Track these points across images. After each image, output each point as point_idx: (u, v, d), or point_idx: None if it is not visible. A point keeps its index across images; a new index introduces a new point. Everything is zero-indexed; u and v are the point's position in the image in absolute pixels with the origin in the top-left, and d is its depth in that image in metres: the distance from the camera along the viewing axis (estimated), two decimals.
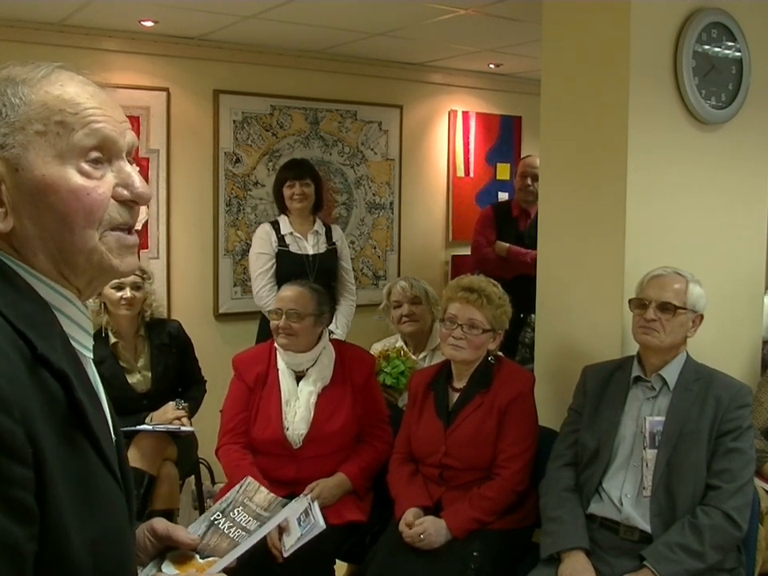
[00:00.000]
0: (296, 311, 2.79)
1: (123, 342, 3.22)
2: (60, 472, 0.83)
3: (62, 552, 0.83)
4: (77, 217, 0.91)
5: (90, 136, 0.92)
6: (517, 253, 4.13)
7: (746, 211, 2.99)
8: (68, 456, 0.85)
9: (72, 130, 0.91)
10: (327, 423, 2.76)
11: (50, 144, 0.90)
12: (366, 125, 4.84)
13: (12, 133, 0.89)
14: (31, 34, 3.76)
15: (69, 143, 0.91)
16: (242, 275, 4.44)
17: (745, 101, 2.87)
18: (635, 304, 2.40)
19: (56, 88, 0.92)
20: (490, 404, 2.55)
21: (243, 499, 1.55)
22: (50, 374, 0.85)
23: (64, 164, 0.91)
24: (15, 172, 0.89)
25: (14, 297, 0.87)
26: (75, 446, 0.87)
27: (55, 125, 0.91)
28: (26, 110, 0.90)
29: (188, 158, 4.27)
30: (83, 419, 0.88)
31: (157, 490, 3.08)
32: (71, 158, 0.91)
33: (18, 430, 0.78)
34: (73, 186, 0.91)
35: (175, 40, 4.14)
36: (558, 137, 2.89)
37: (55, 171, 0.90)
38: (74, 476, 0.85)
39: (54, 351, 0.86)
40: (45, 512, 0.81)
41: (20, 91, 0.90)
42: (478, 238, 4.28)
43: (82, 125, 0.92)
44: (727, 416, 2.23)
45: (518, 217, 4.28)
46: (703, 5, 2.74)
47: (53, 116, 0.91)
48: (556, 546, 2.27)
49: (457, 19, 3.72)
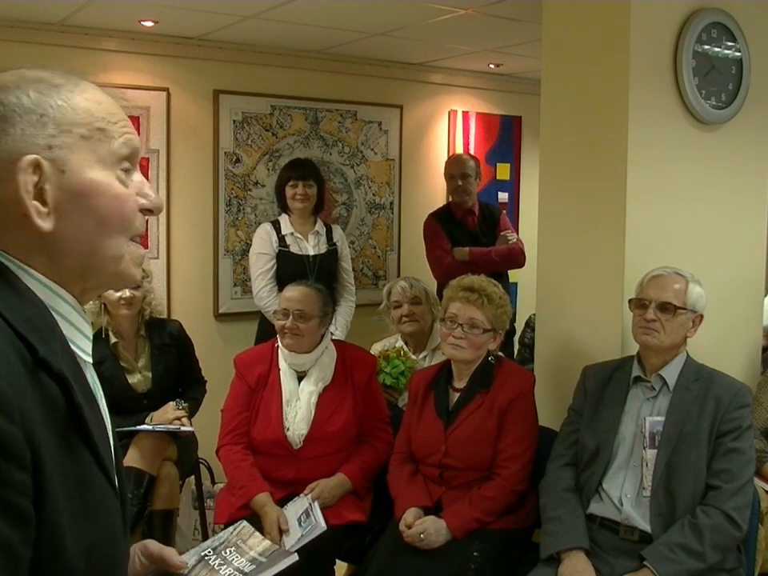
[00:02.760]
0: (303, 312, 2.79)
1: (124, 342, 3.22)
2: (58, 477, 0.83)
3: (57, 557, 0.83)
4: (115, 223, 0.94)
5: (125, 146, 0.96)
6: (480, 253, 4.04)
7: (746, 211, 2.99)
8: (66, 461, 0.85)
9: (111, 138, 0.95)
10: (328, 423, 2.76)
11: (92, 150, 0.93)
12: (366, 125, 4.84)
13: (60, 134, 0.90)
14: (31, 34, 3.76)
15: (109, 150, 0.94)
16: (241, 275, 4.44)
17: (745, 101, 2.87)
18: (635, 304, 2.40)
19: (94, 96, 0.95)
20: (491, 404, 2.55)
21: (237, 541, 1.57)
22: (50, 377, 0.85)
23: (106, 169, 0.94)
24: (61, 173, 0.90)
25: (15, 300, 0.87)
26: (73, 451, 0.87)
27: (97, 131, 0.94)
28: (72, 113, 0.92)
29: (188, 157, 4.27)
30: (82, 424, 0.88)
31: (157, 490, 3.08)
32: (111, 165, 0.94)
33: (17, 433, 0.78)
34: (116, 191, 0.94)
35: (175, 40, 4.14)
36: (558, 137, 2.90)
37: (101, 176, 0.93)
38: (71, 481, 0.85)
39: (54, 355, 0.86)
40: (41, 517, 0.81)
41: (63, 95, 0.92)
42: (434, 251, 4.12)
43: (119, 134, 0.96)
44: (727, 416, 2.23)
45: (463, 218, 4.21)
46: (703, 5, 2.74)
47: (95, 122, 0.94)
48: (556, 546, 2.27)
49: (457, 19, 3.72)
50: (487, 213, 4.32)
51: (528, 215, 5.11)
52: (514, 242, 4.18)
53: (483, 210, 4.30)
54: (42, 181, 0.89)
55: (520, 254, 4.14)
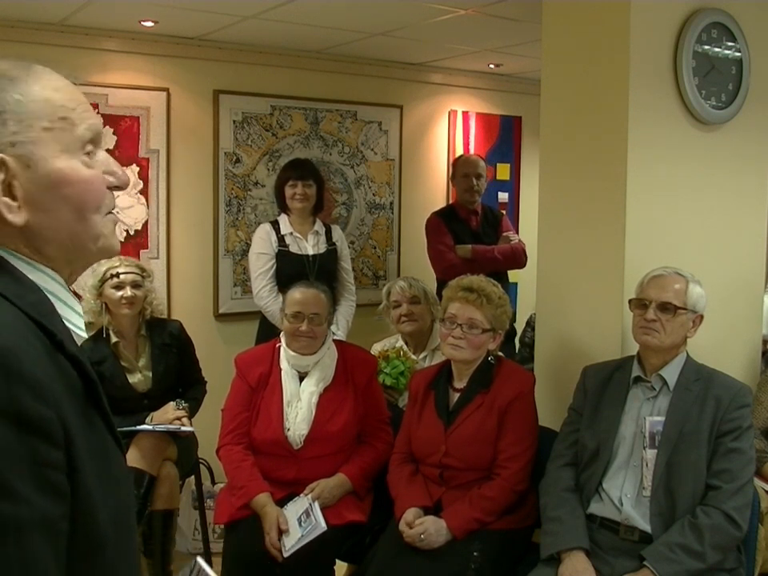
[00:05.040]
0: (318, 315, 2.81)
1: (124, 341, 3.22)
2: (86, 452, 0.88)
3: (91, 528, 0.88)
4: (89, 205, 0.97)
5: (89, 131, 0.98)
6: (483, 251, 4.06)
7: (746, 211, 2.99)
8: (90, 435, 0.90)
9: (74, 125, 0.96)
10: (328, 423, 2.76)
11: (56, 140, 0.94)
12: (366, 125, 4.84)
13: (22, 130, 0.92)
14: (31, 34, 3.76)
15: (73, 137, 0.96)
16: (242, 275, 4.44)
17: (745, 101, 2.87)
18: (635, 304, 2.40)
19: (51, 84, 0.96)
20: (491, 404, 2.55)
21: None
22: (65, 358, 0.90)
23: (71, 157, 0.95)
24: (27, 168, 0.92)
25: (19, 288, 0.91)
26: (94, 424, 0.92)
27: (59, 120, 0.95)
28: (32, 107, 0.93)
29: (188, 157, 4.27)
30: (97, 398, 0.93)
31: (157, 490, 3.08)
32: (75, 151, 0.96)
33: (52, 415, 0.83)
34: (84, 176, 0.96)
35: (175, 40, 4.14)
36: (558, 137, 2.90)
37: (67, 164, 0.95)
38: (95, 455, 0.90)
39: (66, 338, 0.91)
40: (75, 492, 0.85)
41: (19, 88, 0.93)
42: (437, 246, 4.14)
43: (81, 120, 0.97)
44: (727, 416, 2.23)
45: (466, 217, 4.23)
46: (703, 5, 2.74)
47: (57, 112, 0.95)
48: (556, 546, 2.27)
49: (457, 19, 3.72)
50: (490, 214, 4.37)
51: (528, 215, 5.11)
52: (515, 242, 4.20)
53: (486, 211, 4.35)
54: (8, 177, 0.91)
55: (522, 254, 4.17)
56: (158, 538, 3.10)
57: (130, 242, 4.10)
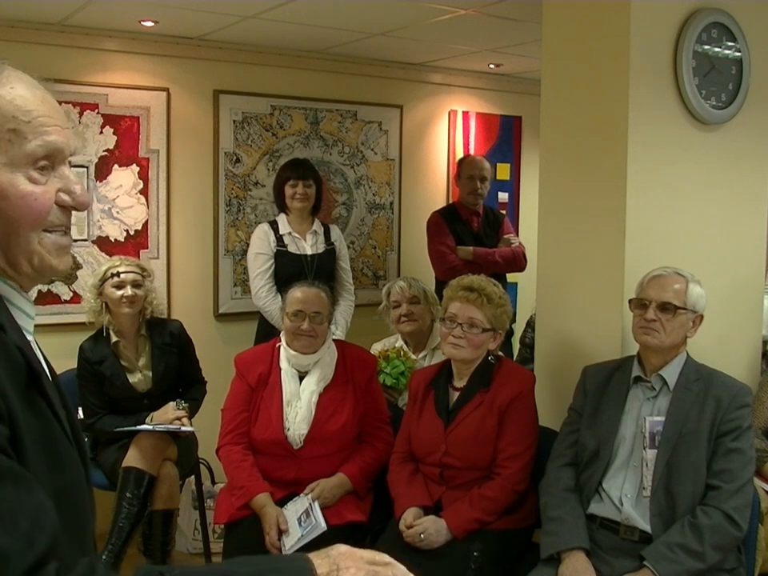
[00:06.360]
0: (320, 314, 2.81)
1: (125, 341, 3.22)
2: (26, 429, 0.90)
3: None
4: (24, 221, 0.94)
5: (42, 147, 0.94)
6: (484, 253, 4.07)
7: (747, 211, 2.99)
8: (31, 416, 0.92)
9: (24, 139, 0.92)
10: (328, 423, 2.76)
11: (2, 151, 0.91)
12: (366, 125, 4.84)
13: None
14: (31, 34, 3.76)
15: (21, 151, 0.92)
16: (241, 275, 4.43)
17: (745, 101, 2.87)
18: (635, 304, 2.40)
19: (7, 91, 0.92)
20: (491, 403, 2.55)
21: None
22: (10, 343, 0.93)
23: (14, 171, 0.92)
24: None
25: None
26: (36, 406, 0.94)
27: (8, 132, 0.91)
28: None
29: (188, 157, 4.27)
30: (40, 384, 0.95)
31: (157, 490, 3.08)
32: (21, 166, 0.92)
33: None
34: (22, 191, 0.93)
35: (175, 40, 4.14)
36: (558, 137, 2.90)
37: (5, 178, 0.91)
38: (39, 434, 0.93)
39: (10, 326, 0.94)
40: (18, 462, 0.88)
41: None
42: (438, 247, 4.12)
43: (34, 134, 0.93)
44: (727, 416, 2.23)
45: (468, 219, 4.23)
46: (703, 5, 2.74)
47: (6, 123, 0.91)
48: (556, 546, 2.27)
49: (457, 19, 3.72)
50: (491, 215, 4.38)
51: (528, 215, 5.10)
52: (516, 245, 4.21)
53: (487, 212, 4.36)
54: None
55: (522, 257, 4.20)
56: (158, 538, 3.10)
57: (129, 242, 4.10)
